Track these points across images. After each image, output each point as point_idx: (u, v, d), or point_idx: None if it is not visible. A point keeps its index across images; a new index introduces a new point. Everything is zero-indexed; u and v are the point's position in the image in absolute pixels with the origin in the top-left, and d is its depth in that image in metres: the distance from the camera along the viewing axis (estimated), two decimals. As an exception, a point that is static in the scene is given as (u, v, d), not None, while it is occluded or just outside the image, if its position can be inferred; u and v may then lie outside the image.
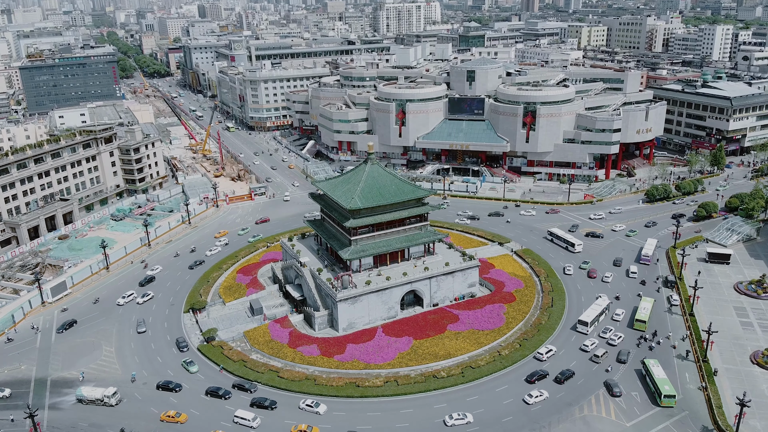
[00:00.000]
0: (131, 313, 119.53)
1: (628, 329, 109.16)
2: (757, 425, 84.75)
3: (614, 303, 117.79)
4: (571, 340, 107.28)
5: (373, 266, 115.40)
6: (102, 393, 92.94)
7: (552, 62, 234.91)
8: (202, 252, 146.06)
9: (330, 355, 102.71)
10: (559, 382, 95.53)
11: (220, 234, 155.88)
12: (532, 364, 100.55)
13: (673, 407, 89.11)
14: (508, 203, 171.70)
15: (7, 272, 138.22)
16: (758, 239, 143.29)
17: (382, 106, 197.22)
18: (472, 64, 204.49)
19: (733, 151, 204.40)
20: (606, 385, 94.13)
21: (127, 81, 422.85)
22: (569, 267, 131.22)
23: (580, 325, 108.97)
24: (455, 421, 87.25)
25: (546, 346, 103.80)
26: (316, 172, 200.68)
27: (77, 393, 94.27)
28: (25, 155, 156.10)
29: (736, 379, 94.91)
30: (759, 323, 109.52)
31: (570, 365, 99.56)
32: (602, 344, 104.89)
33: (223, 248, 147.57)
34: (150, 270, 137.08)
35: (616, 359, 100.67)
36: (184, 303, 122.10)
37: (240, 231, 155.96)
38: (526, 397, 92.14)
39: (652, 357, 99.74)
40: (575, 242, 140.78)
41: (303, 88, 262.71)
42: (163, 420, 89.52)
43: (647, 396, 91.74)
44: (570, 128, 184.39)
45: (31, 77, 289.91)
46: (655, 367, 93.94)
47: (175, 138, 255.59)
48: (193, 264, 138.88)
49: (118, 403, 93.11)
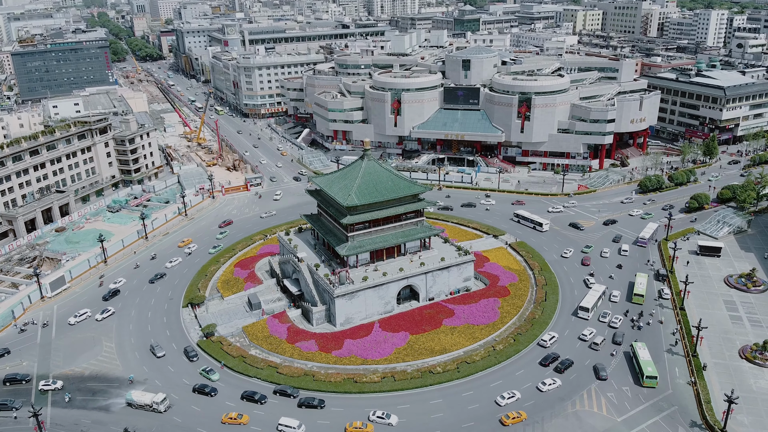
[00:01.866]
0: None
1: (627, 302, 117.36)
2: (745, 420, 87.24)
3: (609, 281, 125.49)
4: (570, 328, 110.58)
5: (370, 261, 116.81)
6: (151, 399, 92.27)
7: (547, 50, 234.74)
8: (164, 260, 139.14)
9: (328, 351, 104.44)
10: (559, 371, 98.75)
11: (184, 243, 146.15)
12: (537, 351, 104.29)
13: (654, 387, 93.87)
14: (489, 192, 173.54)
15: (6, 266, 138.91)
16: (749, 231, 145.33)
17: (378, 95, 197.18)
18: (467, 53, 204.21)
19: (726, 140, 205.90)
20: (594, 369, 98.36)
21: (119, 65, 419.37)
22: (567, 251, 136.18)
23: (581, 311, 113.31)
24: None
25: (549, 333, 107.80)
26: (312, 162, 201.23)
27: (127, 397, 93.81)
28: (20, 147, 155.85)
29: (725, 374, 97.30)
30: (748, 317, 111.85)
31: (570, 354, 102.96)
32: (601, 331, 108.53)
33: (185, 259, 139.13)
34: (113, 283, 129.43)
35: (612, 341, 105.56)
36: (183, 297, 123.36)
37: (211, 249, 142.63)
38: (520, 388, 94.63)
39: (643, 338, 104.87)
40: (543, 222, 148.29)
41: (297, 75, 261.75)
42: (225, 422, 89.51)
43: (632, 378, 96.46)
44: (564, 118, 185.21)
45: (23, 63, 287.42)
46: (642, 350, 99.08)
47: (170, 126, 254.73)
48: (153, 278, 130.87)
49: (167, 409, 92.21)
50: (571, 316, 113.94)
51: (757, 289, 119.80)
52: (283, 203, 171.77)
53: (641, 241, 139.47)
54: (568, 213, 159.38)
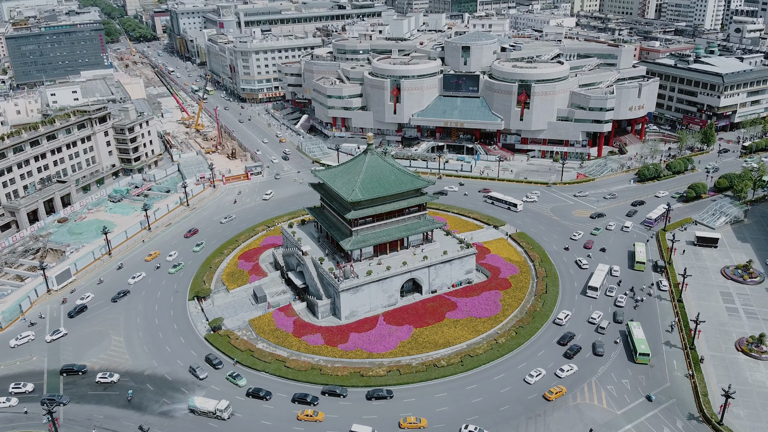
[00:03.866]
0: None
1: (629, 270, 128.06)
2: (741, 413, 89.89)
3: (608, 255, 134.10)
4: (579, 310, 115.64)
5: (374, 255, 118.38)
6: (215, 405, 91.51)
7: (546, 35, 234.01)
8: (134, 269, 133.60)
9: (334, 344, 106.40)
10: (568, 357, 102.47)
11: (151, 256, 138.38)
12: (552, 330, 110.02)
13: (646, 364, 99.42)
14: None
15: (10, 258, 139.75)
16: (746, 221, 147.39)
17: (377, 82, 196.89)
18: (466, 39, 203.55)
19: (723, 126, 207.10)
20: (593, 346, 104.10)
21: (113, 46, 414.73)
22: (577, 234, 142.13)
23: (590, 290, 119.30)
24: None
25: (563, 311, 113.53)
26: (312, 150, 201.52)
27: (190, 403, 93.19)
28: (21, 138, 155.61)
29: (722, 366, 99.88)
30: (744, 309, 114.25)
31: (577, 338, 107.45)
32: (607, 315, 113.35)
33: (151, 273, 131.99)
34: (80, 299, 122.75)
35: (613, 320, 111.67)
36: (188, 290, 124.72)
37: (171, 269, 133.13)
38: (527, 377, 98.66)
39: (642, 323, 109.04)
40: (517, 203, 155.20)
41: (295, 59, 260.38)
42: (301, 419, 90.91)
43: (626, 355, 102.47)
44: (564, 106, 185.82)
45: (17, 47, 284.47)
46: (636, 329, 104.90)
47: (167, 111, 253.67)
48: (116, 296, 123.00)
49: (230, 416, 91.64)
50: (577, 297, 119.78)
51: (753, 281, 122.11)
52: (275, 196, 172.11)
53: (648, 221, 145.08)
54: (567, 203, 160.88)
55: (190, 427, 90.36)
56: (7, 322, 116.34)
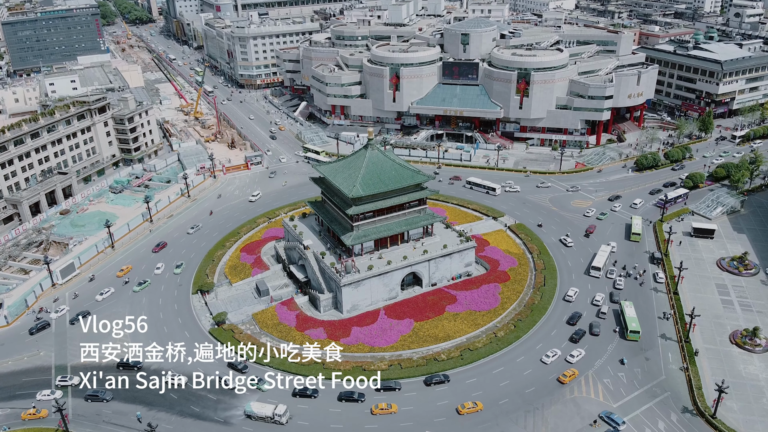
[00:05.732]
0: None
1: (626, 240, 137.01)
2: (734, 406, 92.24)
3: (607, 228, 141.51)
4: (584, 289, 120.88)
5: (374, 249, 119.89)
6: (272, 411, 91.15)
7: (545, 21, 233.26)
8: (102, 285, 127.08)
9: (336, 339, 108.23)
10: (573, 341, 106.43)
11: (123, 271, 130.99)
12: (561, 307, 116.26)
13: (637, 341, 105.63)
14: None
15: (14, 251, 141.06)
16: (742, 211, 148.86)
17: (376, 70, 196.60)
18: (466, 26, 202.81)
19: (722, 113, 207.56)
20: (589, 326, 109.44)
21: (109, 29, 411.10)
22: (590, 211, 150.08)
23: (593, 270, 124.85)
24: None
25: (572, 288, 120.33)
26: (311, 139, 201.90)
27: (246, 408, 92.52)
28: (21, 131, 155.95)
29: (716, 360, 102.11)
30: (739, 301, 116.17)
31: (582, 319, 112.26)
32: (607, 300, 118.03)
33: (120, 288, 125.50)
34: (40, 314, 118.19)
35: (610, 300, 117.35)
36: (192, 284, 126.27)
37: (136, 287, 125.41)
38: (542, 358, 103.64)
39: (636, 305, 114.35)
40: (495, 187, 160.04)
41: (293, 45, 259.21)
42: (375, 413, 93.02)
43: (618, 333, 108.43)
44: (563, 94, 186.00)
45: (14, 32, 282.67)
46: (628, 307, 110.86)
47: (165, 98, 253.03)
48: (74, 318, 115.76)
49: (288, 421, 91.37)
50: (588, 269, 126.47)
51: (748, 273, 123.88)
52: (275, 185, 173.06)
53: (659, 202, 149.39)
54: (566, 193, 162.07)
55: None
56: (13, 317, 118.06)
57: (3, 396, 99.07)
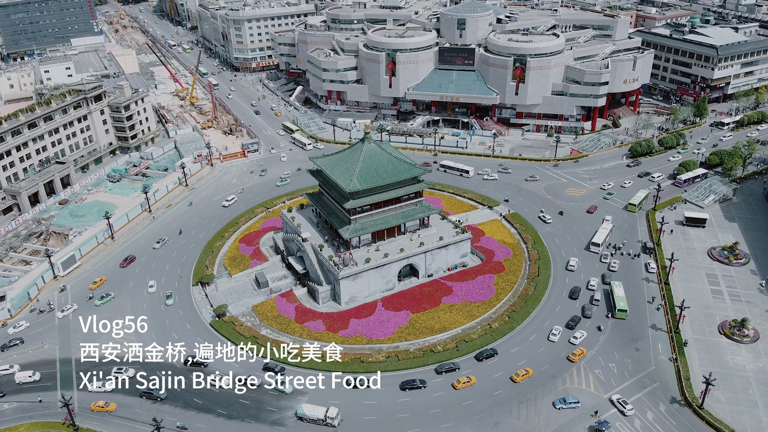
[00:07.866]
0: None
1: (623, 210, 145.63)
2: (721, 397, 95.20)
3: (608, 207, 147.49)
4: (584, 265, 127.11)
5: (372, 241, 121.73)
6: (324, 413, 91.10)
7: (542, 3, 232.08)
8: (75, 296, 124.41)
9: (335, 331, 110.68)
10: (570, 327, 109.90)
11: (96, 283, 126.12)
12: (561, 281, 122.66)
13: (624, 319, 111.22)
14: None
15: (15, 242, 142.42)
16: (734, 199, 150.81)
17: (372, 55, 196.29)
18: (462, 10, 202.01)
19: (716, 98, 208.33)
20: (582, 309, 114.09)
21: (102, 9, 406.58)
22: (608, 184, 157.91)
23: (593, 246, 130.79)
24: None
25: (573, 258, 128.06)
26: (307, 125, 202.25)
27: (298, 410, 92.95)
28: (19, 121, 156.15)
29: (704, 350, 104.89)
30: (728, 291, 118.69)
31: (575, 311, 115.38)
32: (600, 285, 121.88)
33: (84, 303, 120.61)
34: (14, 327, 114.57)
35: (601, 281, 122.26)
36: (192, 276, 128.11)
37: (97, 301, 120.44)
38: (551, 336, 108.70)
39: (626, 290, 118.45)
40: (468, 169, 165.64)
41: (288, 27, 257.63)
42: (458, 388, 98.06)
43: (607, 310, 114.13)
44: (559, 80, 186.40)
45: (6, 15, 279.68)
46: (617, 287, 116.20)
47: (161, 82, 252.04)
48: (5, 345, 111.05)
49: (340, 423, 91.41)
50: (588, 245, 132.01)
51: (738, 263, 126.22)
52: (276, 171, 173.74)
53: (678, 181, 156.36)
54: (560, 181, 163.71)
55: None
56: (16, 310, 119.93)
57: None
